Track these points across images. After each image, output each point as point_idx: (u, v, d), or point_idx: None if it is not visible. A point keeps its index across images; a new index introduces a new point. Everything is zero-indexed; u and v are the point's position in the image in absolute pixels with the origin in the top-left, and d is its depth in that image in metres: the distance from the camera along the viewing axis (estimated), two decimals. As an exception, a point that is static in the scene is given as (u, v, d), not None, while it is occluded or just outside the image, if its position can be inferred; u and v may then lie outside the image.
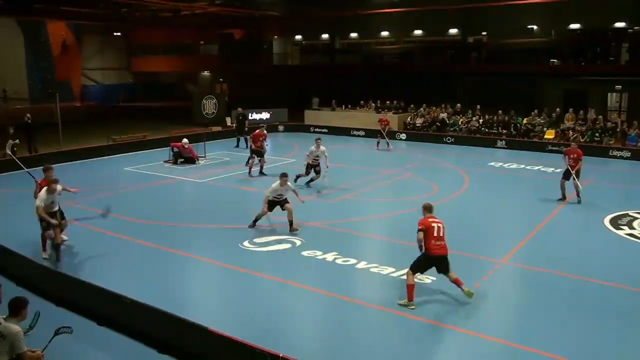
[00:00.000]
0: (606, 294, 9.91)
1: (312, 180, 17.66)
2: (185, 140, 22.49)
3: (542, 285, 10.33)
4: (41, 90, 42.60)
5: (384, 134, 26.44)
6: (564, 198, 16.17)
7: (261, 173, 19.83)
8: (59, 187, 11.44)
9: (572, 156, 16.10)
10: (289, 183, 13.56)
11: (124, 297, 8.45)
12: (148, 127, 28.74)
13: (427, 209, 9.63)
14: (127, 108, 44.08)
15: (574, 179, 16.01)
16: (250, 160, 20.16)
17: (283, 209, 13.38)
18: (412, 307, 9.21)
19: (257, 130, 20.41)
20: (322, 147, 17.23)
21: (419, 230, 9.23)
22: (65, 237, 11.84)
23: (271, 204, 13.41)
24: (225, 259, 11.51)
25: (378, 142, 26.52)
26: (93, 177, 19.46)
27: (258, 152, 19.79)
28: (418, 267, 9.42)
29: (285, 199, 13.49)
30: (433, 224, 9.29)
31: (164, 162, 22.26)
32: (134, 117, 34.88)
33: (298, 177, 17.50)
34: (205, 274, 11.09)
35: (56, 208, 11.40)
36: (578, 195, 16.14)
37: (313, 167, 17.45)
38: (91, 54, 49.80)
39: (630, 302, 9.61)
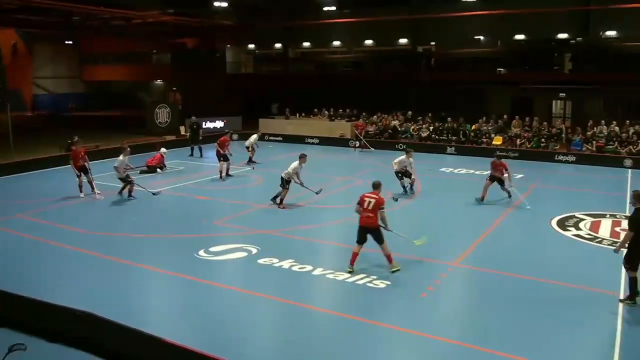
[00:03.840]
0: (557, 293, 10.11)
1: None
2: (163, 149, 22.57)
3: (494, 286, 10.50)
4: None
5: (361, 137, 28.57)
6: (482, 199, 16.79)
7: (227, 175, 20.61)
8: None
9: (498, 168, 16.78)
10: (303, 164, 16.03)
11: (76, 311, 8.15)
12: (101, 136, 28.05)
13: (373, 185, 11.04)
14: (79, 117, 43.04)
15: (501, 187, 16.78)
16: (220, 165, 20.55)
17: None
18: (350, 269, 10.72)
19: (223, 137, 21.13)
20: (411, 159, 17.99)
21: (357, 203, 10.84)
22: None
23: (286, 183, 15.77)
24: (180, 268, 11.28)
25: (355, 145, 28.82)
26: (45, 188, 18.85)
27: (224, 157, 20.43)
28: (357, 236, 10.84)
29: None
30: (366, 198, 10.73)
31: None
32: (86, 127, 34.00)
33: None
34: (159, 284, 10.83)
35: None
36: (509, 196, 16.91)
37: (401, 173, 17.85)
38: (43, 63, 48.59)
39: (582, 301, 9.76)
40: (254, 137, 24.36)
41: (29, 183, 19.88)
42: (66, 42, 49.11)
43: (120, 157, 17.25)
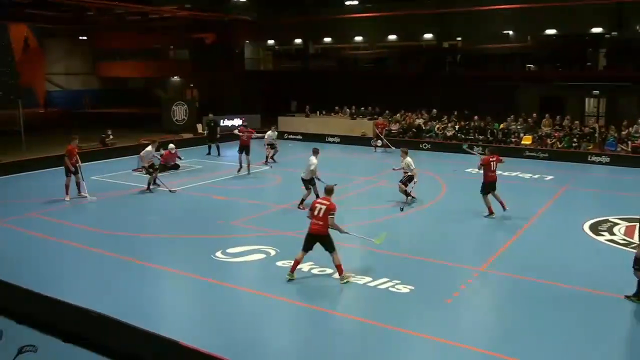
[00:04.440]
0: (589, 302, 9.98)
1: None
2: (171, 145, 22.32)
3: (523, 293, 10.40)
4: (2, 96, 41.78)
5: (382, 136, 28.20)
6: (491, 213, 15.30)
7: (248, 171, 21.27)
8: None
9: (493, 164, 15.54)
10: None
11: (90, 312, 8.26)
12: (115, 134, 28.35)
13: (325, 191, 11.06)
14: (94, 114, 43.51)
15: (494, 193, 15.46)
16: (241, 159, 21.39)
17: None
18: (289, 277, 10.66)
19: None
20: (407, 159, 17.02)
21: (309, 209, 10.79)
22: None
23: (308, 183, 15.86)
24: (197, 270, 11.37)
25: (376, 145, 28.29)
26: (57, 186, 19.09)
27: (246, 149, 21.18)
28: (304, 243, 10.71)
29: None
30: (317, 205, 10.65)
31: (133, 170, 21.96)
32: (101, 124, 34.38)
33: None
34: (175, 285, 10.93)
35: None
36: (503, 207, 15.45)
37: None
38: (56, 59, 49.03)
39: (614, 310, 9.65)
40: (270, 133, 24.37)
41: (41, 181, 20.14)
42: (80, 37, 49.55)
43: (149, 148, 18.30)
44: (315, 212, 10.57)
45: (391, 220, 15.32)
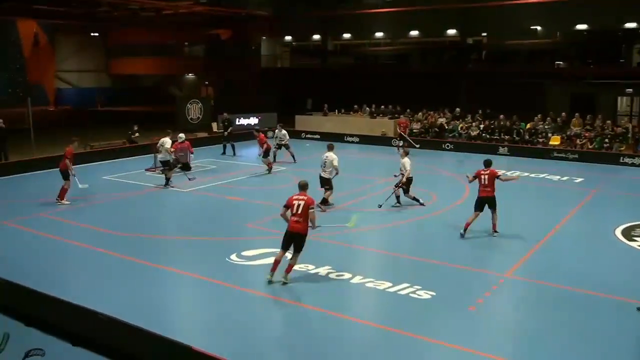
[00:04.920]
0: (622, 312, 9.78)
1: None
2: (181, 135, 20.30)
3: (550, 300, 10.27)
4: (11, 94, 42.27)
5: (405, 135, 27.83)
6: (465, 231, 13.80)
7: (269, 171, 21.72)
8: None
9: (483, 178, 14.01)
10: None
11: (101, 315, 8.31)
12: (126, 133, 28.53)
13: (300, 186, 10.92)
14: (106, 113, 43.87)
15: (492, 210, 13.88)
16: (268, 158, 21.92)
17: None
18: (269, 277, 10.65)
19: (261, 134, 22.27)
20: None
21: (284, 206, 10.71)
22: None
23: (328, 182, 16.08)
24: (211, 273, 11.38)
25: (399, 146, 26.46)
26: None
27: (267, 152, 21.68)
28: (282, 242, 10.68)
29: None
30: (294, 202, 10.60)
31: (146, 170, 22.10)
32: (112, 123, 34.67)
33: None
34: (188, 289, 10.96)
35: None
36: (495, 229, 13.96)
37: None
38: (66, 55, 49.51)
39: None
40: (277, 132, 24.61)
41: (50, 181, 20.27)
42: (92, 33, 49.92)
43: (167, 138, 19.52)
44: (294, 209, 10.57)
45: (413, 223, 15.24)
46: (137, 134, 27.08)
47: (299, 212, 10.53)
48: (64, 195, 16.81)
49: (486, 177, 13.95)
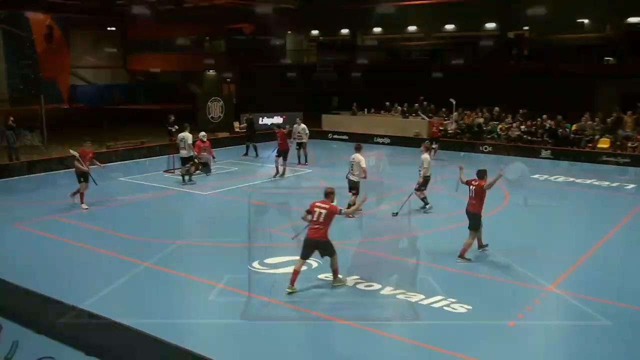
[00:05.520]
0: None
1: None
2: (202, 133, 22.18)
3: (597, 317, 10.07)
4: (23, 91, 42.86)
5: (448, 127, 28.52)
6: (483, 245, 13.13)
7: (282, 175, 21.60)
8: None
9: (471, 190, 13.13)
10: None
11: (117, 324, 8.39)
12: (146, 132, 28.86)
13: (325, 194, 11.01)
14: (123, 111, 44.31)
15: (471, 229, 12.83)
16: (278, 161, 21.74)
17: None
18: (290, 290, 10.63)
19: (282, 130, 22.51)
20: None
21: (306, 211, 10.89)
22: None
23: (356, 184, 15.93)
24: (231, 281, 11.44)
25: (435, 150, 25.16)
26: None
27: (284, 153, 21.60)
28: (302, 251, 10.86)
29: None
30: (316, 209, 10.72)
31: (164, 171, 22.33)
32: (130, 121, 35.04)
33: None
34: (208, 298, 10.97)
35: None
36: (481, 246, 13.07)
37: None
38: (81, 51, 50.02)
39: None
40: (296, 127, 24.52)
41: (64, 181, 20.56)
42: (108, 28, 50.34)
43: (188, 133, 20.02)
44: (315, 217, 10.68)
45: (446, 231, 15.12)
46: (176, 127, 26.87)
47: (320, 220, 10.65)
48: (83, 199, 16.88)
49: (474, 189, 12.96)
